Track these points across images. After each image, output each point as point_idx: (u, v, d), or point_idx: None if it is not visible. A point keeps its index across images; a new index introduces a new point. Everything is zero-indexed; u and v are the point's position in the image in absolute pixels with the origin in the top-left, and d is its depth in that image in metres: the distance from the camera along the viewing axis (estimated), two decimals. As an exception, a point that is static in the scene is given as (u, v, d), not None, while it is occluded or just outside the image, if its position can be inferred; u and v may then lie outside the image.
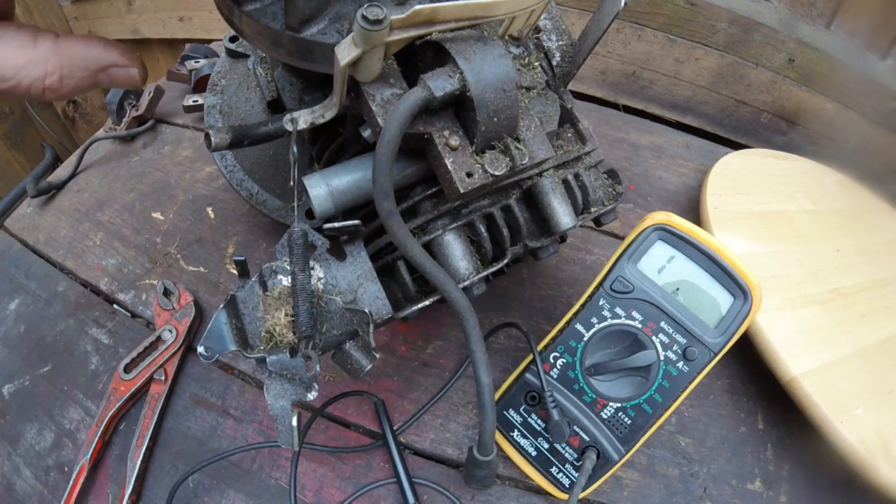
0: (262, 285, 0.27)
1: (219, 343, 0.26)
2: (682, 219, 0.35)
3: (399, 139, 0.24)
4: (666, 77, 0.75)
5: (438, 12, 0.23)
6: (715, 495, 0.40)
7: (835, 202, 0.60)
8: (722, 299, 0.34)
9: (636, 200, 0.58)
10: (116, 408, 0.39)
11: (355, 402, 0.42)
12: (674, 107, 0.77)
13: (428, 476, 0.39)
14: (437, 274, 0.28)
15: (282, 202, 0.44)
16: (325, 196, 0.29)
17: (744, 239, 0.50)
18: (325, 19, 0.27)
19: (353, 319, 0.28)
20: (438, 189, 0.31)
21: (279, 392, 0.26)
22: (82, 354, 0.44)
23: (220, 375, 0.43)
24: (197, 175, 0.56)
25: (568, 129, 0.37)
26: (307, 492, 0.38)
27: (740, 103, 0.75)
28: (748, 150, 0.63)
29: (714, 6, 0.68)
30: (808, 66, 0.69)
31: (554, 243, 0.35)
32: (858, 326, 0.47)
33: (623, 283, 0.35)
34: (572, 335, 0.36)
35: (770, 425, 0.44)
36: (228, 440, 0.40)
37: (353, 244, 0.30)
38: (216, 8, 0.30)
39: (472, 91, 0.25)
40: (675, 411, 0.37)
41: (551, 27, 0.36)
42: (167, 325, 0.43)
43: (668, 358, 0.34)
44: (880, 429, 0.40)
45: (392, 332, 0.45)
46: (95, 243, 0.51)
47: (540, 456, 0.37)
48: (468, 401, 0.43)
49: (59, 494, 0.37)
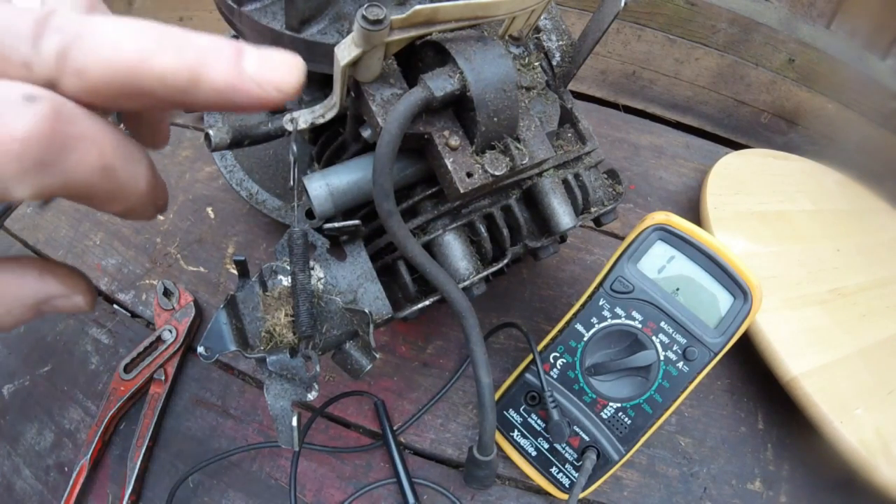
0: (262, 285, 0.27)
1: (219, 343, 0.26)
2: (682, 219, 0.35)
3: (399, 139, 0.24)
4: (666, 77, 0.75)
5: (438, 12, 0.23)
6: (715, 495, 0.40)
7: (835, 202, 0.60)
8: (722, 299, 0.34)
9: (636, 200, 0.58)
10: (116, 408, 0.39)
11: (355, 402, 0.42)
12: (674, 107, 0.77)
13: (428, 476, 0.39)
14: (437, 274, 0.28)
15: (282, 202, 0.44)
16: (325, 196, 0.29)
17: (744, 239, 0.50)
18: (325, 19, 0.27)
19: (353, 319, 0.28)
20: (438, 189, 0.31)
21: (279, 392, 0.26)
22: (82, 354, 0.44)
23: (220, 375, 0.43)
24: (197, 175, 0.56)
25: (568, 129, 0.37)
26: (307, 492, 0.38)
27: (740, 103, 0.75)
28: (748, 150, 0.63)
29: (714, 6, 0.68)
30: (808, 66, 0.69)
31: (554, 243, 0.35)
32: (858, 326, 0.47)
33: (623, 283, 0.35)
34: (572, 335, 0.36)
35: (770, 425, 0.44)
36: (228, 440, 0.40)
37: (353, 244, 0.30)
38: (216, 8, 0.30)
39: (472, 91, 0.25)
40: (675, 411, 0.37)
41: (551, 27, 0.36)
42: (167, 325, 0.42)
43: (668, 358, 0.34)
44: (880, 429, 0.40)
45: (392, 332, 0.45)
46: (95, 243, 0.51)
47: (540, 456, 0.37)
48: (468, 401, 0.43)
49: (59, 494, 0.37)
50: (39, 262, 0.21)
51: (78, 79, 0.16)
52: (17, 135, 0.14)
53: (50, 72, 0.16)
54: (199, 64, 0.17)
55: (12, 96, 0.14)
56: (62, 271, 0.21)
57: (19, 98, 0.14)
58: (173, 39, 0.17)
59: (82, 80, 0.16)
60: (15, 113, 0.14)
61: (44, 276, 0.21)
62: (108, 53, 0.16)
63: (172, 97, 0.17)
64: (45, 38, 0.15)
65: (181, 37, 0.17)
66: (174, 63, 0.17)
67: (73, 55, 0.16)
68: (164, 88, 0.17)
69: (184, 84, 0.17)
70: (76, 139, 0.16)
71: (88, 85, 0.16)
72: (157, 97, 0.17)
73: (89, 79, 0.16)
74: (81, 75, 0.16)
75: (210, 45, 0.17)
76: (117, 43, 0.16)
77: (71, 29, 0.16)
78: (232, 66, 0.18)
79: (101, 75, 0.16)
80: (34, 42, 0.15)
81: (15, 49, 0.15)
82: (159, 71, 0.17)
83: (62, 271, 0.21)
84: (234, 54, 0.18)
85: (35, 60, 0.15)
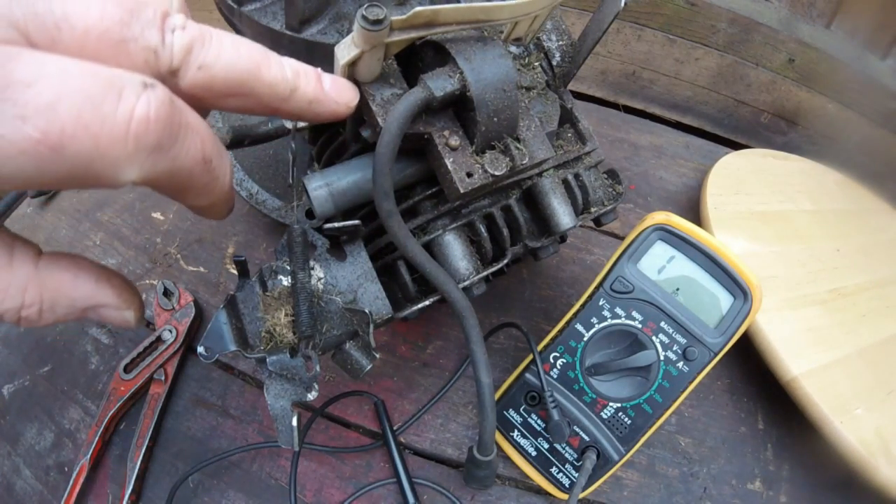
0: (262, 285, 0.27)
1: (219, 343, 0.26)
2: (682, 219, 0.35)
3: (399, 139, 0.24)
4: (666, 77, 0.75)
5: (439, 15, 0.23)
6: (715, 495, 0.40)
7: (835, 202, 0.60)
8: (722, 299, 0.34)
9: (636, 200, 0.58)
10: (116, 408, 0.39)
11: (355, 402, 0.42)
12: (674, 107, 0.77)
13: (428, 476, 0.39)
14: (438, 274, 0.28)
15: (282, 202, 0.44)
16: (325, 196, 0.29)
17: (744, 239, 0.50)
18: (325, 19, 0.27)
19: (353, 319, 0.28)
20: (438, 189, 0.31)
21: (279, 392, 0.26)
22: (82, 354, 0.44)
23: (220, 375, 0.43)
24: (197, 175, 0.56)
25: (568, 129, 0.37)
26: (307, 492, 0.38)
27: (740, 103, 0.75)
28: (748, 150, 0.63)
29: (714, 6, 0.68)
30: (808, 66, 0.69)
31: (554, 243, 0.35)
32: (858, 326, 0.47)
33: (623, 283, 0.35)
34: (572, 335, 0.36)
35: (770, 425, 0.44)
36: (228, 440, 0.40)
37: (353, 244, 0.30)
38: (216, 8, 0.30)
39: (472, 91, 0.25)
40: (675, 411, 0.37)
41: (551, 27, 0.36)
42: (167, 325, 0.42)
43: (668, 358, 0.34)
44: (880, 429, 0.40)
45: (392, 332, 0.45)
46: (95, 243, 0.51)
47: (540, 456, 0.37)
48: (468, 401, 0.43)
49: (59, 494, 0.37)
50: (97, 267, 0.21)
51: (201, 72, 0.18)
52: (139, 114, 0.15)
53: (173, 62, 0.17)
54: (296, 78, 0.21)
55: (133, 80, 0.15)
56: (118, 282, 0.22)
57: (139, 83, 0.15)
58: (274, 56, 0.20)
59: (204, 74, 0.18)
60: (136, 95, 0.15)
61: (100, 283, 0.21)
62: (231, 57, 0.18)
63: (271, 103, 0.20)
64: (174, 34, 0.17)
65: (279, 57, 0.20)
66: (281, 75, 0.20)
67: (197, 52, 0.18)
68: (270, 94, 0.20)
69: (285, 93, 0.20)
70: (185, 128, 0.17)
71: (208, 79, 0.18)
72: (260, 100, 0.20)
73: (211, 74, 0.18)
74: (205, 70, 0.18)
75: (299, 66, 0.21)
76: (238, 50, 0.19)
77: (195, 30, 0.18)
78: (317, 84, 0.22)
79: (221, 73, 0.18)
80: (163, 33, 0.17)
81: (143, 36, 0.16)
82: (270, 80, 0.20)
83: (118, 282, 0.22)
84: (316, 76, 0.22)
85: (161, 49, 0.17)
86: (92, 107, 0.14)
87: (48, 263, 0.19)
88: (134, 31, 0.16)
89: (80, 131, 0.14)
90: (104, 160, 0.14)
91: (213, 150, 0.18)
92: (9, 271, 0.18)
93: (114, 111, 0.14)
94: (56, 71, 0.14)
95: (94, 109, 0.14)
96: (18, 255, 0.19)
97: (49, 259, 0.20)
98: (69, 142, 0.14)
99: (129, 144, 0.15)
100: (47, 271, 0.19)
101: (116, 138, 0.14)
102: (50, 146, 0.14)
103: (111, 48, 0.16)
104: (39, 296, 0.19)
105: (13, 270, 0.18)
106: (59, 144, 0.14)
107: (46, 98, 0.14)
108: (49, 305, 0.19)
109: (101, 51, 0.16)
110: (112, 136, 0.14)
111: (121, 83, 0.15)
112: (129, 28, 0.16)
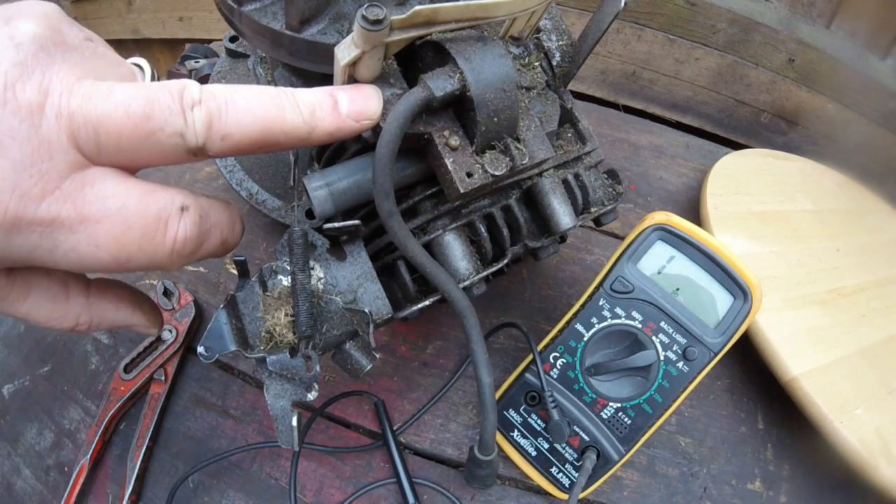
0: (262, 285, 0.27)
1: (219, 343, 0.26)
2: (682, 219, 0.35)
3: (399, 139, 0.24)
4: (666, 77, 0.75)
5: (439, 13, 0.23)
6: (715, 495, 0.40)
7: (835, 202, 0.60)
8: (722, 299, 0.34)
9: (636, 200, 0.58)
10: (116, 408, 0.39)
11: (355, 402, 0.42)
12: (674, 107, 0.77)
13: (428, 476, 0.39)
14: (438, 274, 0.28)
15: (282, 202, 0.44)
16: (326, 196, 0.29)
17: (744, 239, 0.50)
18: (325, 19, 0.27)
19: (353, 319, 0.28)
20: (438, 189, 0.31)
21: (279, 392, 0.26)
22: (82, 354, 0.44)
23: (220, 375, 0.43)
24: (197, 175, 0.56)
25: (568, 129, 0.37)
26: (307, 492, 0.38)
27: (740, 103, 0.75)
28: (748, 150, 0.63)
29: (714, 6, 0.68)
30: (808, 66, 0.69)
31: (554, 243, 0.35)
32: (858, 326, 0.47)
33: (623, 283, 0.35)
34: (572, 335, 0.36)
35: (770, 425, 0.44)
36: (228, 440, 0.40)
37: (353, 244, 0.30)
38: (216, 8, 0.30)
39: (472, 91, 0.25)
40: (675, 411, 0.37)
41: (551, 27, 0.36)
42: (167, 325, 0.42)
43: (668, 358, 0.34)
44: (880, 429, 0.40)
45: (392, 332, 0.45)
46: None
47: (540, 456, 0.37)
48: (468, 401, 0.43)
49: (59, 494, 0.37)
50: (133, 294, 0.26)
51: (223, 142, 0.20)
52: (180, 238, 0.20)
53: (198, 141, 0.20)
54: (312, 117, 0.22)
55: (174, 208, 0.20)
56: (148, 307, 0.27)
57: (178, 209, 0.20)
58: (288, 100, 0.21)
59: (226, 143, 0.20)
60: (176, 222, 0.20)
61: (135, 310, 0.26)
62: (247, 120, 0.20)
63: (294, 145, 0.22)
64: (193, 112, 0.19)
65: (292, 96, 0.22)
66: (296, 120, 0.21)
67: (216, 124, 0.20)
68: (288, 139, 0.22)
69: (305, 135, 0.22)
70: (209, 230, 0.22)
71: (231, 146, 0.20)
72: (281, 145, 0.22)
73: (233, 141, 0.20)
74: (226, 139, 0.20)
75: (314, 100, 0.22)
76: (253, 110, 0.20)
77: (211, 101, 0.20)
78: (334, 112, 0.22)
79: (242, 137, 0.20)
80: (184, 115, 0.19)
81: (168, 122, 0.19)
82: (288, 128, 0.21)
83: (148, 307, 0.27)
84: (332, 103, 0.22)
85: (186, 131, 0.19)
86: (147, 238, 0.19)
87: (97, 295, 0.24)
88: (159, 121, 0.19)
89: (139, 254, 0.20)
90: (153, 266, 0.20)
91: (229, 233, 0.23)
92: (65, 304, 0.23)
93: (163, 239, 0.20)
94: (117, 209, 0.19)
95: (149, 240, 0.20)
96: (73, 289, 0.23)
97: (97, 290, 0.24)
98: (130, 261, 0.20)
99: (172, 257, 0.20)
100: (96, 302, 0.24)
101: (164, 255, 0.20)
102: (119, 265, 0.20)
103: (143, 142, 0.19)
104: (89, 319, 0.24)
105: (69, 303, 0.23)
106: (125, 263, 0.20)
107: (115, 234, 0.19)
108: (95, 325, 0.24)
109: (136, 149, 0.19)
110: (161, 255, 0.20)
111: (166, 215, 0.20)
112: (154, 120, 0.19)
